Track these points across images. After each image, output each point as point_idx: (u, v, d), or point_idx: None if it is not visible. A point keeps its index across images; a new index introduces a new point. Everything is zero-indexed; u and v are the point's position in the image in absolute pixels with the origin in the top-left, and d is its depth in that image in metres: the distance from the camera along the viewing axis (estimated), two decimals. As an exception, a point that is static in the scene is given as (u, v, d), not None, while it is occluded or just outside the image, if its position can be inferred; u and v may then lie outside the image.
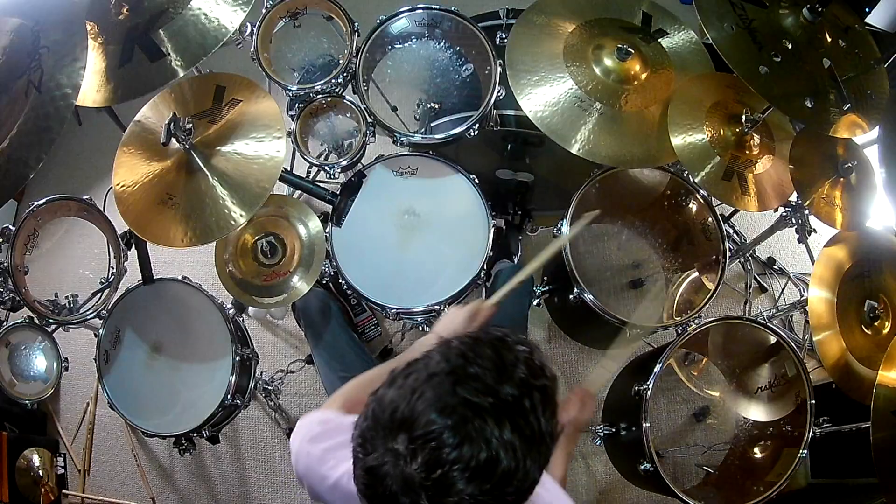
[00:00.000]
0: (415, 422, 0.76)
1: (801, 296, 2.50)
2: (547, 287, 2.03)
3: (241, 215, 1.57)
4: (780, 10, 1.71)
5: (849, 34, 1.76)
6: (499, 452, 0.75)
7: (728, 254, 1.88)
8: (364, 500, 0.82)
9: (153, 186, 1.64)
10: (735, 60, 1.57)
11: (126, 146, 1.70)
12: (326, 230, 1.82)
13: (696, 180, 1.79)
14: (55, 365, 1.87)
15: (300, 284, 1.81)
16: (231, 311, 1.88)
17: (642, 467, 1.71)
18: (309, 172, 2.33)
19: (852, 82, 1.70)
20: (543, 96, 1.72)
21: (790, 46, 1.67)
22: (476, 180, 1.87)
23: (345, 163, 1.85)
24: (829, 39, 1.73)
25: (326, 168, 1.86)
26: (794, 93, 1.62)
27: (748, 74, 1.58)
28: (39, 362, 1.88)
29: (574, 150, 1.69)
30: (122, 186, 1.65)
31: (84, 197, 1.80)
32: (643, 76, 1.80)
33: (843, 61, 1.72)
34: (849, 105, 1.66)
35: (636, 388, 1.75)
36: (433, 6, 1.84)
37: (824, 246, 1.88)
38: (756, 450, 1.94)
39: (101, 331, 1.82)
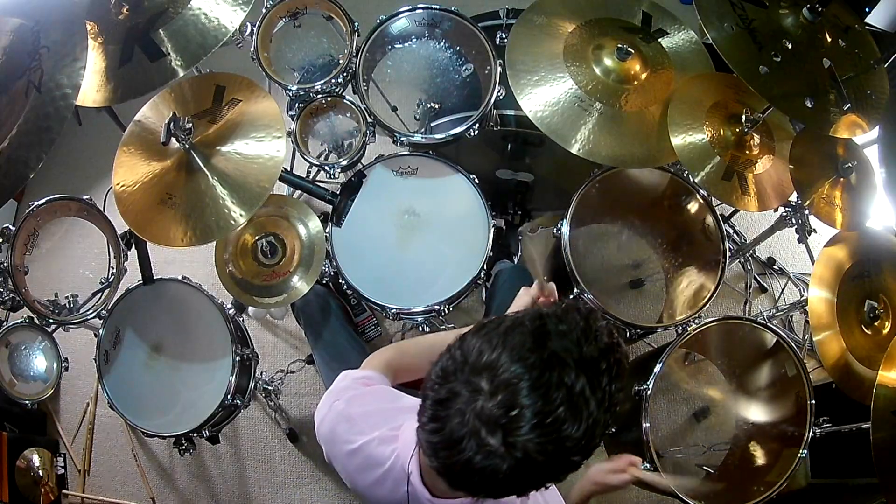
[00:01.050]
0: (500, 367, 0.79)
1: (801, 296, 2.50)
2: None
3: (241, 215, 1.57)
4: (780, 10, 1.71)
5: (849, 34, 1.77)
6: (571, 402, 0.78)
7: (728, 254, 1.88)
8: (424, 435, 0.84)
9: (153, 186, 1.64)
10: (735, 60, 1.58)
11: (126, 146, 1.70)
12: (326, 230, 1.82)
13: (696, 180, 1.79)
14: (55, 365, 1.87)
15: (300, 284, 1.81)
16: (231, 311, 1.88)
17: (642, 467, 1.71)
18: (309, 172, 2.33)
19: (852, 82, 1.70)
20: (543, 96, 1.72)
21: (790, 46, 1.67)
22: (476, 180, 1.87)
23: (345, 163, 1.85)
24: (829, 39, 1.73)
25: (326, 168, 1.86)
26: (794, 93, 1.62)
27: (748, 74, 1.58)
28: (39, 362, 1.88)
29: (574, 150, 1.69)
30: (122, 186, 1.65)
31: (84, 197, 1.80)
32: (643, 76, 1.80)
33: (843, 61, 1.72)
34: (849, 105, 1.66)
35: (636, 388, 1.75)
36: (433, 6, 1.84)
37: (824, 246, 1.88)
38: (756, 450, 1.94)
39: (101, 331, 1.82)
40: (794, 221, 1.91)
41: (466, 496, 0.92)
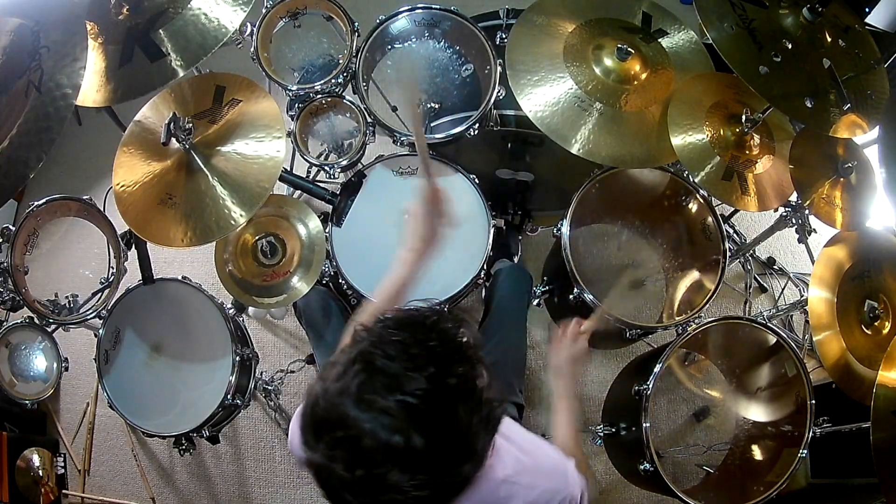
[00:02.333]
0: (331, 421, 0.79)
1: (801, 296, 2.50)
2: (547, 287, 2.03)
3: (241, 215, 1.57)
4: (779, 10, 1.71)
5: (849, 34, 1.77)
6: (410, 440, 0.76)
7: (728, 254, 1.88)
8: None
9: (153, 186, 1.64)
10: (735, 60, 1.58)
11: (126, 146, 1.70)
12: (326, 230, 1.82)
13: (696, 180, 1.79)
14: (55, 365, 1.87)
15: (300, 284, 1.81)
16: (231, 311, 1.88)
17: (642, 467, 1.71)
18: (309, 172, 2.33)
19: (852, 82, 1.70)
20: (543, 96, 1.72)
21: (790, 46, 1.67)
22: (476, 180, 1.87)
23: (345, 163, 1.85)
24: (829, 39, 1.73)
25: (326, 168, 1.86)
26: (794, 93, 1.62)
27: (748, 74, 1.58)
28: (39, 362, 1.88)
29: (574, 150, 1.69)
30: (122, 186, 1.65)
31: (84, 197, 1.80)
32: (643, 76, 1.80)
33: (844, 61, 1.72)
34: (849, 105, 1.66)
35: (636, 388, 1.75)
36: (433, 6, 1.84)
37: (824, 246, 1.88)
38: (756, 450, 1.94)
39: (101, 331, 1.82)
40: (794, 221, 1.91)
41: None
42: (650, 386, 1.72)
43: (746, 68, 1.58)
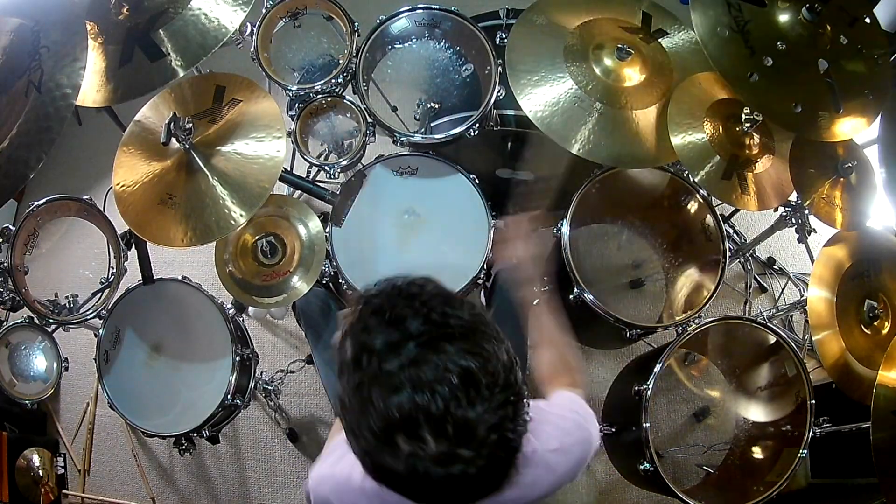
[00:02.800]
0: (396, 420, 0.76)
1: (801, 296, 2.50)
2: (547, 287, 2.03)
3: (241, 215, 1.57)
4: (778, 8, 1.71)
5: (855, 27, 1.74)
6: (462, 365, 0.76)
7: (728, 254, 1.88)
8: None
9: (153, 186, 1.64)
10: (724, 67, 1.58)
11: (126, 146, 1.70)
12: (326, 230, 1.82)
13: (696, 180, 1.79)
14: (55, 365, 1.87)
15: (300, 284, 1.81)
16: (231, 311, 1.88)
17: (642, 467, 1.71)
18: (309, 172, 2.33)
19: (851, 82, 1.69)
20: (543, 96, 1.72)
21: (784, 48, 1.66)
22: (476, 180, 1.87)
23: (345, 163, 1.84)
24: (829, 37, 1.72)
25: (326, 168, 1.86)
26: (783, 99, 1.62)
27: (736, 81, 1.58)
28: (39, 362, 1.88)
29: (574, 150, 1.69)
30: (122, 186, 1.65)
31: (84, 197, 1.80)
32: (643, 76, 1.80)
33: (843, 59, 1.71)
34: (841, 110, 1.66)
35: (636, 388, 1.75)
36: (433, 6, 1.84)
37: (824, 246, 1.88)
38: (756, 450, 1.95)
39: (101, 331, 1.82)
40: (794, 221, 1.91)
41: None
42: (650, 386, 1.72)
43: (735, 75, 1.58)
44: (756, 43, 1.64)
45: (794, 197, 1.85)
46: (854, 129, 1.68)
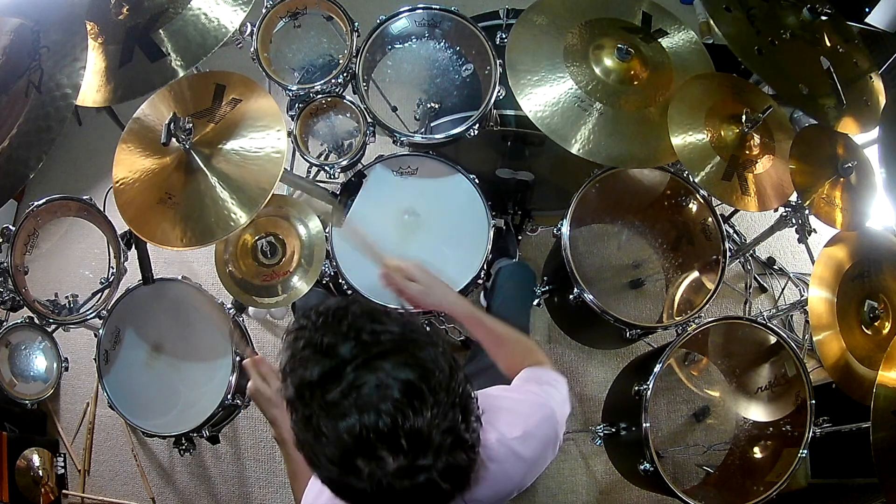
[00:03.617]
0: (351, 447, 0.77)
1: (801, 296, 2.50)
2: (547, 287, 2.03)
3: (241, 216, 1.57)
4: (780, 9, 1.71)
5: (850, 44, 1.76)
6: (399, 377, 0.77)
7: (728, 254, 1.88)
8: None
9: (153, 186, 1.64)
10: (730, 36, 1.56)
11: (125, 143, 1.69)
12: (326, 230, 1.82)
13: (696, 180, 1.78)
14: (55, 365, 1.87)
15: (300, 284, 1.81)
16: (231, 311, 1.88)
17: (642, 467, 1.71)
18: (309, 172, 2.33)
19: (850, 85, 1.69)
20: (543, 96, 1.72)
21: (788, 37, 1.66)
22: (476, 180, 1.87)
23: (345, 163, 1.85)
24: (828, 43, 1.72)
25: (326, 168, 1.86)
26: (790, 77, 1.61)
27: (743, 51, 1.56)
28: (39, 362, 1.88)
29: (574, 150, 1.69)
30: (122, 184, 1.65)
31: (84, 197, 1.81)
32: (643, 76, 1.80)
33: (843, 64, 1.72)
34: (845, 105, 1.66)
35: (636, 388, 1.75)
36: (433, 6, 1.84)
37: (824, 246, 1.88)
38: (756, 450, 1.94)
39: (101, 331, 1.82)
40: (794, 221, 1.91)
41: None
42: (650, 386, 1.72)
43: (742, 45, 1.56)
44: (761, 26, 1.63)
45: (794, 197, 1.84)
46: (854, 128, 1.68)
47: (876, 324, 1.85)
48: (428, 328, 0.91)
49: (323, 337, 0.81)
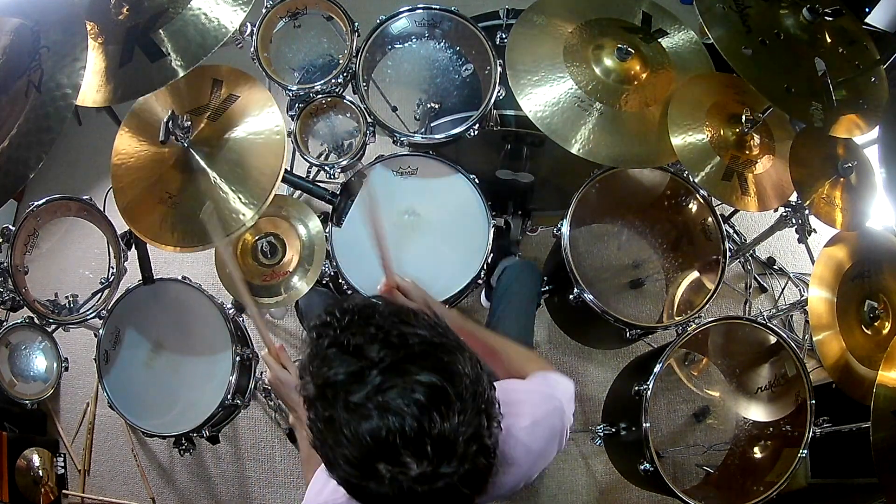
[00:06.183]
0: (372, 451, 0.75)
1: (801, 296, 2.50)
2: (547, 287, 2.03)
3: (241, 215, 1.57)
4: (780, 10, 1.71)
5: (854, 46, 1.74)
6: (422, 379, 0.75)
7: (728, 254, 1.88)
8: None
9: (152, 186, 1.63)
10: (718, 35, 1.56)
11: (124, 130, 1.69)
12: (326, 230, 1.82)
13: (696, 180, 1.79)
14: (55, 365, 1.87)
15: (300, 284, 1.81)
16: (231, 311, 1.88)
17: (642, 467, 1.71)
18: (309, 172, 2.33)
19: (846, 87, 1.68)
20: (543, 96, 1.72)
21: (781, 37, 1.65)
22: (476, 180, 1.87)
23: (345, 163, 1.85)
24: (829, 41, 1.72)
25: (326, 168, 1.86)
26: (776, 79, 1.59)
27: (729, 50, 1.55)
28: (39, 362, 1.88)
29: (574, 150, 1.69)
30: (121, 184, 1.65)
31: (84, 197, 1.81)
32: (643, 76, 1.80)
33: (841, 64, 1.71)
34: (835, 107, 1.65)
35: (636, 388, 1.75)
36: (433, 6, 1.84)
37: (824, 246, 1.88)
38: (756, 450, 1.94)
39: (101, 331, 1.82)
40: (794, 221, 1.91)
41: None
42: (650, 386, 1.72)
43: (729, 43, 1.55)
44: (754, 24, 1.62)
45: (794, 197, 1.84)
46: (848, 130, 1.68)
47: (876, 324, 1.85)
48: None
49: (350, 337, 0.79)
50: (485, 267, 1.80)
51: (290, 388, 1.17)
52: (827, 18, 1.67)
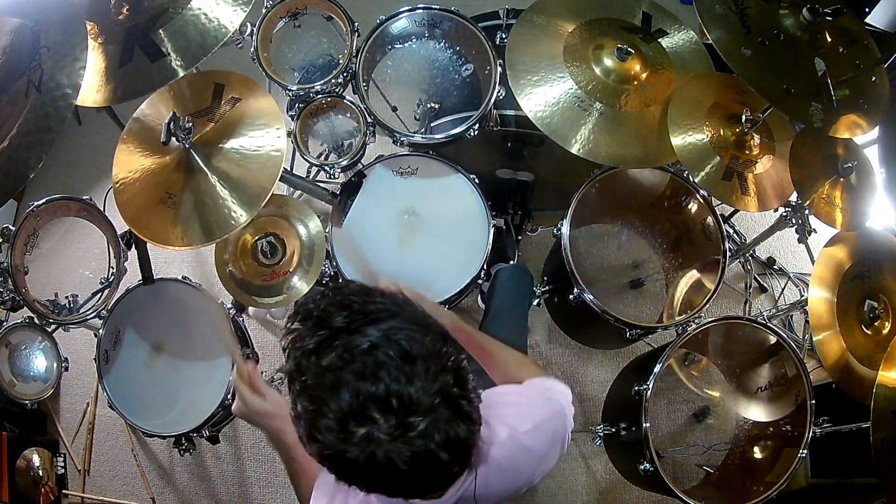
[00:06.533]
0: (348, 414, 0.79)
1: (801, 296, 2.50)
2: (547, 287, 2.03)
3: (241, 215, 1.57)
4: (780, 10, 1.71)
5: (855, 45, 1.74)
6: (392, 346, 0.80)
7: (728, 254, 1.88)
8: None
9: (153, 186, 1.64)
10: (716, 34, 1.56)
11: (125, 142, 1.70)
12: (326, 230, 1.82)
13: (696, 180, 1.79)
14: (55, 365, 1.87)
15: (300, 284, 1.81)
16: (231, 311, 1.88)
17: (642, 467, 1.71)
18: (309, 172, 2.33)
19: (846, 87, 1.68)
20: (543, 96, 1.72)
21: (781, 38, 1.65)
22: (476, 180, 1.87)
23: (345, 163, 1.85)
24: (829, 41, 1.72)
25: (326, 168, 1.86)
26: (775, 79, 1.59)
27: (728, 51, 1.55)
28: (39, 362, 1.88)
29: (574, 150, 1.69)
30: (122, 184, 1.65)
31: (84, 197, 1.81)
32: (643, 76, 1.80)
33: (841, 63, 1.71)
34: (835, 107, 1.65)
35: (636, 388, 1.75)
36: (433, 6, 1.84)
37: (824, 246, 1.88)
38: (756, 450, 1.94)
39: (101, 331, 1.82)
40: (794, 221, 1.91)
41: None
42: (650, 386, 1.72)
43: (727, 44, 1.56)
44: (753, 25, 1.63)
45: (794, 197, 1.84)
46: (848, 130, 1.68)
47: (876, 324, 1.85)
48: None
49: (318, 310, 0.84)
50: (484, 267, 1.80)
51: (268, 415, 1.16)
52: (828, 18, 1.67)
